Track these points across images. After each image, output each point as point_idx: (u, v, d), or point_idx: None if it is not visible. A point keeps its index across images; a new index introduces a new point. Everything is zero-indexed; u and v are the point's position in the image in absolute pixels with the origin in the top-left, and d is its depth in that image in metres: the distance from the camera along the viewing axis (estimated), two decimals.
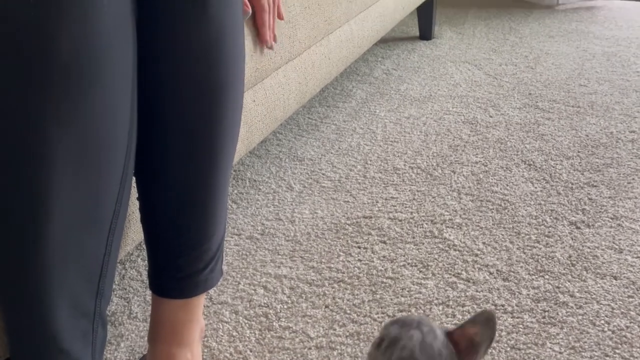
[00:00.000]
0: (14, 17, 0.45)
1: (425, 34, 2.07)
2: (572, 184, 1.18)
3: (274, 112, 1.01)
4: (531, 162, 1.27)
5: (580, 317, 0.84)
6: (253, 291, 0.92)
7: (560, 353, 0.78)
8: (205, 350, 0.81)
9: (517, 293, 0.90)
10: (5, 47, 0.45)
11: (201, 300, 0.69)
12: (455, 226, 1.07)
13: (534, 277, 0.93)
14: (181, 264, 0.65)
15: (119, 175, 0.52)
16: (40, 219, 0.47)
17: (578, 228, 1.05)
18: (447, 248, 1.00)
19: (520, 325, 0.83)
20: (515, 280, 0.92)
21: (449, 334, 0.54)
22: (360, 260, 0.98)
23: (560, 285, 0.91)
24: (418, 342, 0.51)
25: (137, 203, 0.67)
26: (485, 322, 0.51)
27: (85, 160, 0.49)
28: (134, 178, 0.65)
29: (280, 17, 0.93)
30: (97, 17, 0.47)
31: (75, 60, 0.46)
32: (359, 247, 1.02)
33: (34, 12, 0.45)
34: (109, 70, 0.49)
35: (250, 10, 0.84)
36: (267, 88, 0.98)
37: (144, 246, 1.01)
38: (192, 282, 0.66)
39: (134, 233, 0.72)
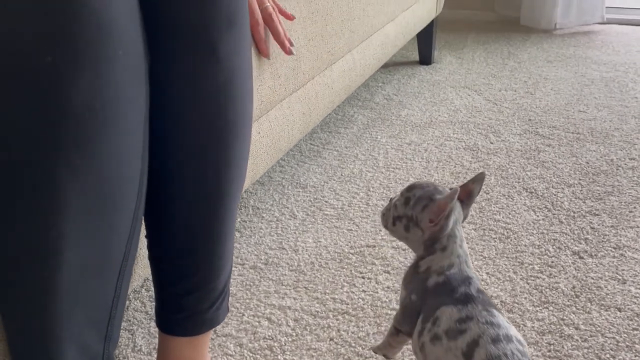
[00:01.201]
0: (29, 65, 0.46)
1: (425, 58, 2.09)
2: (574, 212, 1.19)
3: (279, 143, 1.01)
4: (532, 190, 1.27)
5: (585, 351, 0.84)
6: (257, 323, 0.92)
7: None
8: None
9: (522, 325, 0.89)
10: (18, 95, 0.46)
11: (207, 337, 0.69)
12: None
13: (538, 308, 0.93)
14: (188, 302, 0.65)
15: (130, 220, 0.53)
16: (51, 267, 0.48)
17: (581, 258, 1.05)
18: None
19: None
20: (520, 312, 0.92)
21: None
22: (364, 291, 0.98)
23: (564, 317, 0.91)
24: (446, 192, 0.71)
25: (145, 240, 0.67)
26: (479, 180, 0.72)
27: (96, 208, 0.49)
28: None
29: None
30: (112, 67, 0.47)
31: (88, 109, 0.47)
32: (363, 277, 1.02)
33: (49, 60, 0.45)
34: (122, 119, 0.49)
35: None
36: (272, 120, 0.99)
37: (148, 277, 1.00)
38: (199, 320, 0.66)
39: (140, 269, 0.72)
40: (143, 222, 0.66)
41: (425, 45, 2.07)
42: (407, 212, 0.72)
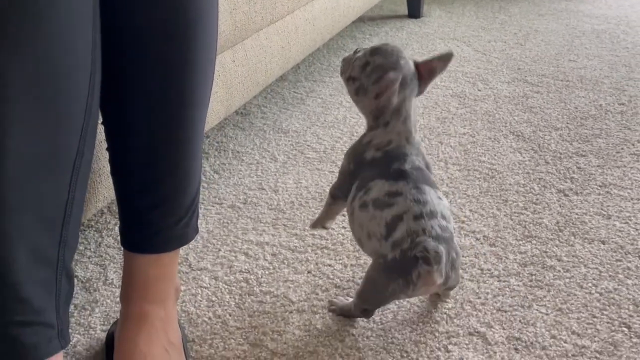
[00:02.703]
0: None
1: (414, 12, 2.04)
2: (561, 153, 1.17)
3: (255, 75, 0.98)
4: (519, 134, 1.25)
5: (567, 280, 0.83)
6: (234, 258, 0.89)
7: (547, 315, 0.77)
8: (183, 315, 0.78)
9: (503, 258, 0.88)
10: None
11: (175, 256, 0.66)
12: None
13: (521, 242, 0.91)
14: (153, 217, 0.62)
15: (82, 113, 0.49)
16: None
17: (566, 195, 1.03)
18: None
19: (507, 289, 0.81)
20: (502, 246, 0.90)
21: (416, 64, 0.72)
22: (344, 227, 0.96)
23: (547, 250, 0.89)
24: (406, 68, 0.70)
25: (107, 155, 0.64)
26: (445, 58, 0.70)
27: (43, 90, 0.46)
28: (102, 127, 0.62)
29: None
30: None
31: None
32: (344, 215, 0.99)
33: None
34: None
35: None
36: (248, 49, 0.95)
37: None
38: (165, 237, 0.63)
39: (105, 189, 0.69)
40: (105, 134, 0.62)
41: None
42: (360, 76, 0.71)
